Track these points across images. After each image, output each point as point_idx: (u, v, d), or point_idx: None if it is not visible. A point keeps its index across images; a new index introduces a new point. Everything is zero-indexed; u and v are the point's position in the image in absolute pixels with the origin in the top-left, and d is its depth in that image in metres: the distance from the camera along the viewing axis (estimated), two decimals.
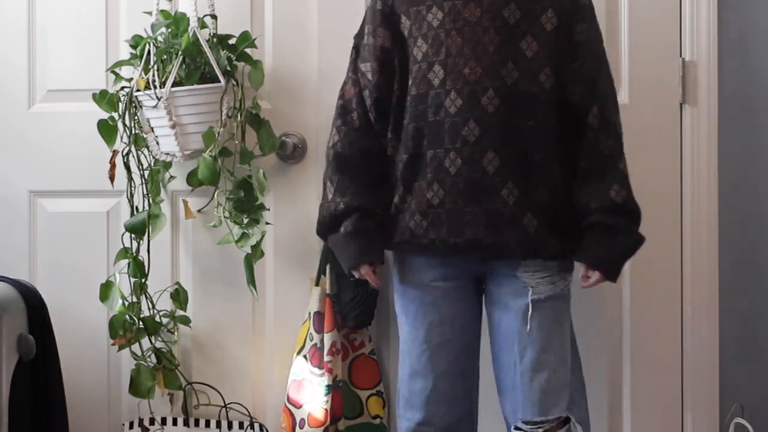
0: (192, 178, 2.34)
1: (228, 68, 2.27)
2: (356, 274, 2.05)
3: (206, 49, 2.23)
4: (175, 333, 2.41)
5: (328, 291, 2.32)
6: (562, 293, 2.02)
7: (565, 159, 2.00)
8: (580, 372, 2.15)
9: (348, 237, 2.02)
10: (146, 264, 2.33)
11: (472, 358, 2.06)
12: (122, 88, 2.32)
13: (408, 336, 2.05)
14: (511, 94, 1.94)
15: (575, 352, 2.12)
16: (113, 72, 2.34)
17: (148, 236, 2.33)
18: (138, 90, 2.27)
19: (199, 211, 2.42)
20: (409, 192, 2.00)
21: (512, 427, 2.00)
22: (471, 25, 1.96)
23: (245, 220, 2.30)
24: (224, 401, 2.41)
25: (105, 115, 2.31)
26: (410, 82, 2.01)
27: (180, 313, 2.39)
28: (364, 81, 2.06)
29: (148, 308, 2.35)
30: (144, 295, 2.34)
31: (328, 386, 2.27)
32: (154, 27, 2.28)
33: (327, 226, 2.06)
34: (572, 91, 2.00)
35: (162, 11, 2.30)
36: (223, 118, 2.25)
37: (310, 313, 2.33)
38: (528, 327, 1.97)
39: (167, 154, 2.31)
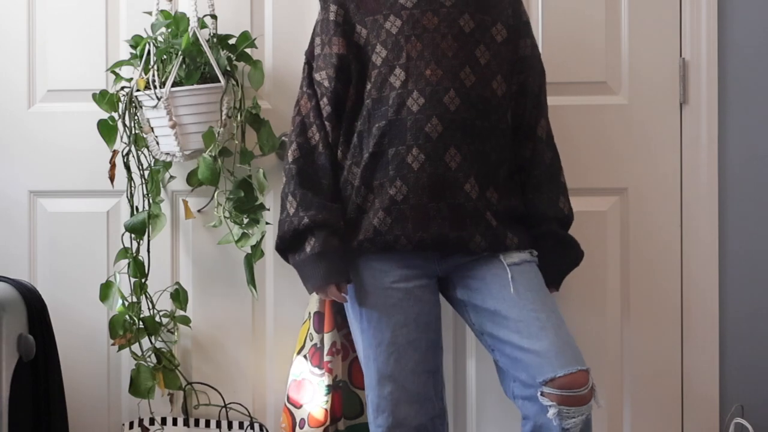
0: (192, 178, 2.34)
1: (228, 68, 2.27)
2: (322, 295, 2.07)
3: (206, 49, 2.23)
4: (175, 333, 2.41)
5: None
6: (533, 259, 2.07)
7: (511, 163, 2.10)
8: None
9: (315, 258, 2.00)
10: (146, 264, 2.34)
11: (438, 356, 2.06)
12: (122, 88, 2.32)
13: (371, 341, 2.03)
14: (469, 96, 2.01)
15: None
16: (113, 72, 2.34)
17: (148, 236, 2.33)
18: (138, 90, 2.27)
19: (199, 211, 2.42)
20: (371, 191, 2.02)
21: (539, 393, 1.92)
22: (429, 32, 2.02)
23: (245, 220, 2.30)
24: (224, 401, 2.41)
25: (105, 115, 2.31)
26: (369, 86, 2.05)
27: (180, 313, 2.39)
28: (321, 89, 2.08)
29: (148, 308, 2.35)
30: (144, 295, 2.34)
31: (328, 386, 2.27)
32: (154, 27, 2.29)
33: (288, 242, 2.04)
34: (519, 103, 2.10)
35: (162, 11, 2.30)
36: (223, 118, 2.25)
37: (310, 313, 2.33)
38: (517, 290, 1.99)
39: (167, 154, 2.31)
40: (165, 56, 2.25)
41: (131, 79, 2.31)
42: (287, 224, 2.03)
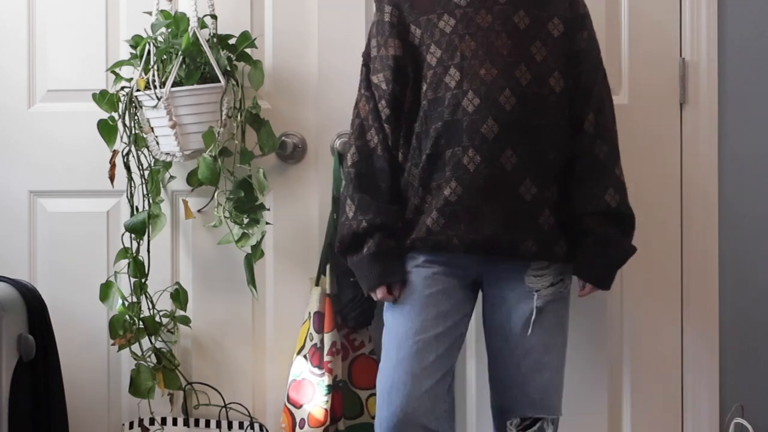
0: (192, 178, 2.34)
1: (228, 68, 2.27)
2: (373, 296, 2.07)
3: (206, 49, 2.23)
4: (175, 333, 2.41)
5: (328, 291, 2.32)
6: (562, 295, 2.07)
7: (568, 159, 2.06)
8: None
9: (371, 258, 2.01)
10: (146, 264, 2.33)
11: (455, 355, 2.06)
12: (122, 88, 2.32)
13: (400, 328, 2.03)
14: (525, 94, 1.98)
15: None
16: (113, 72, 2.34)
17: (148, 236, 2.33)
18: (138, 90, 2.27)
19: (199, 211, 2.42)
20: (428, 192, 2.02)
21: (509, 423, 2.05)
22: (483, 30, 2.00)
23: (245, 220, 2.30)
24: (224, 401, 2.41)
25: (105, 115, 2.31)
26: (425, 87, 2.03)
27: (180, 313, 2.39)
28: (379, 92, 2.07)
29: (148, 308, 2.35)
30: (144, 295, 2.34)
31: (328, 386, 2.27)
32: (154, 27, 2.28)
33: (348, 245, 2.05)
34: (572, 97, 2.06)
35: (162, 11, 2.30)
36: (223, 118, 2.25)
37: (310, 313, 2.33)
38: (533, 330, 2.01)
39: (167, 154, 2.31)
40: (165, 56, 2.25)
41: (131, 79, 2.31)
42: (346, 227, 2.04)
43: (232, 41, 2.32)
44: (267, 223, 2.32)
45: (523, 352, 2.03)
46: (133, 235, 2.32)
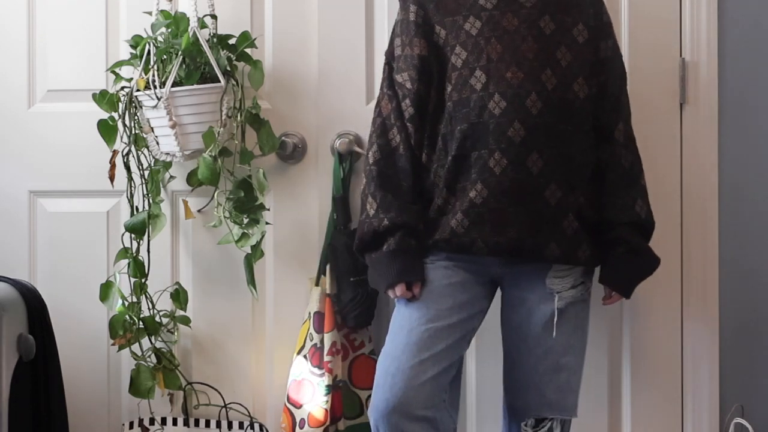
0: (192, 178, 2.35)
1: (228, 68, 2.27)
2: (391, 294, 2.05)
3: (206, 49, 2.23)
4: (175, 333, 2.41)
5: (328, 291, 2.32)
6: (583, 298, 2.07)
7: (594, 166, 2.07)
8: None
9: (391, 256, 2.01)
10: (146, 264, 2.33)
11: (464, 348, 2.06)
12: (122, 88, 2.32)
13: (414, 314, 2.02)
14: (551, 98, 1.99)
15: None
16: (113, 72, 2.34)
17: (148, 236, 2.33)
18: (138, 90, 2.27)
19: (199, 211, 2.42)
20: (453, 194, 2.01)
21: (523, 425, 2.06)
22: (510, 34, 2.00)
23: (245, 220, 2.30)
24: (224, 401, 2.41)
25: (105, 115, 2.31)
26: (450, 88, 2.03)
27: (180, 313, 2.39)
28: (403, 91, 2.06)
29: (148, 308, 2.35)
30: (144, 295, 2.34)
31: (328, 386, 2.27)
32: (154, 27, 2.28)
33: (368, 243, 2.04)
34: (597, 105, 2.07)
35: (162, 11, 2.30)
36: (223, 118, 2.25)
37: (310, 313, 2.33)
38: (553, 332, 2.02)
39: (167, 154, 2.31)
40: (165, 56, 2.25)
41: (131, 79, 2.31)
42: (367, 225, 2.04)
43: (232, 41, 2.32)
44: (267, 223, 2.32)
45: (542, 353, 2.04)
46: (133, 235, 2.32)
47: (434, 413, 1.99)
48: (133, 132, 2.31)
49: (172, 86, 2.22)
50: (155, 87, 2.23)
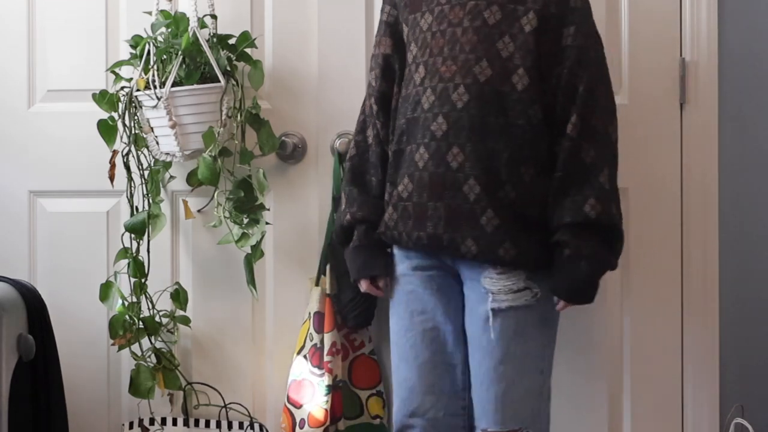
0: (192, 178, 2.35)
1: (228, 68, 2.27)
2: (360, 288, 2.13)
3: (206, 49, 2.23)
4: (175, 333, 2.41)
5: (328, 291, 2.32)
6: (527, 304, 1.95)
7: (541, 161, 1.96)
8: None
9: (354, 251, 2.10)
10: (146, 264, 2.33)
11: (461, 351, 2.02)
12: (122, 88, 2.32)
13: (395, 326, 2.08)
14: (483, 91, 1.94)
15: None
16: (113, 72, 2.34)
17: (148, 236, 2.33)
18: (138, 90, 2.27)
19: (199, 211, 2.42)
20: (392, 187, 2.05)
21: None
22: (453, 27, 1.99)
23: (245, 220, 2.30)
24: (224, 401, 2.41)
25: (105, 115, 2.31)
26: (402, 85, 2.08)
27: (180, 313, 2.39)
28: (370, 90, 2.13)
29: (148, 308, 2.35)
30: (144, 295, 2.34)
31: (328, 386, 2.27)
32: (154, 27, 2.28)
33: (339, 237, 2.14)
34: (554, 97, 1.97)
35: (162, 11, 2.30)
36: (223, 118, 2.25)
37: (310, 313, 2.33)
38: (489, 335, 1.94)
39: (167, 154, 2.31)
40: (165, 56, 2.25)
41: (131, 79, 2.31)
42: (338, 220, 2.14)
43: (232, 41, 2.32)
44: (267, 223, 2.32)
45: (480, 357, 1.96)
46: (133, 235, 2.32)
47: (446, 422, 2.03)
48: (133, 132, 2.31)
49: (172, 86, 2.22)
50: (155, 87, 2.23)
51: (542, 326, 1.99)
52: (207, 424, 2.42)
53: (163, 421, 2.41)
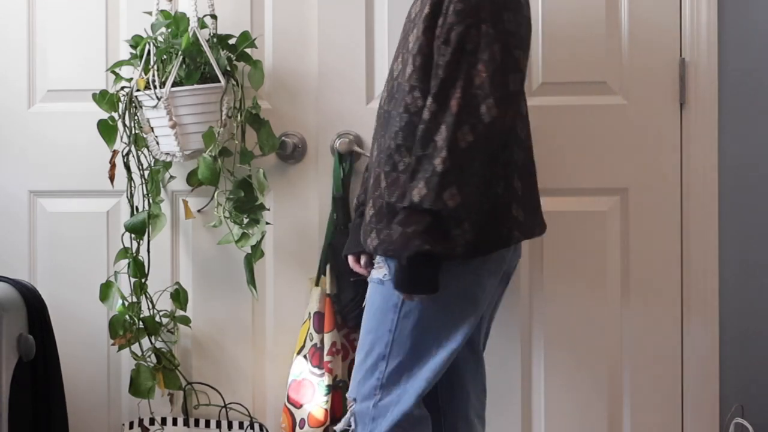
0: (192, 178, 2.35)
1: (228, 68, 2.27)
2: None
3: (206, 49, 2.23)
4: (175, 333, 2.41)
5: (328, 291, 2.32)
6: (384, 281, 1.93)
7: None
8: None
9: (350, 229, 2.15)
10: (146, 264, 2.34)
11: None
12: (122, 88, 2.32)
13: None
14: (392, 85, 1.98)
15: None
16: (113, 72, 2.34)
17: (148, 236, 2.33)
18: (138, 90, 2.27)
19: (199, 211, 2.42)
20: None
21: None
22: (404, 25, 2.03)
23: (245, 220, 2.30)
24: (224, 401, 2.41)
25: (105, 115, 2.31)
26: None
27: (180, 313, 2.39)
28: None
29: (148, 308, 2.35)
30: (144, 295, 2.34)
31: (328, 386, 2.28)
32: (154, 27, 2.28)
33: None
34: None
35: (162, 11, 2.30)
36: (223, 118, 2.25)
37: (310, 313, 2.33)
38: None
39: (167, 154, 2.31)
40: (165, 56, 2.25)
41: (131, 79, 2.31)
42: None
43: (232, 41, 2.32)
44: (267, 223, 2.32)
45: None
46: (133, 235, 2.32)
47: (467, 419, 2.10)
48: (133, 132, 2.31)
49: (172, 86, 2.22)
50: (155, 87, 2.23)
51: (406, 306, 1.94)
52: (207, 424, 2.42)
53: (163, 421, 2.41)
